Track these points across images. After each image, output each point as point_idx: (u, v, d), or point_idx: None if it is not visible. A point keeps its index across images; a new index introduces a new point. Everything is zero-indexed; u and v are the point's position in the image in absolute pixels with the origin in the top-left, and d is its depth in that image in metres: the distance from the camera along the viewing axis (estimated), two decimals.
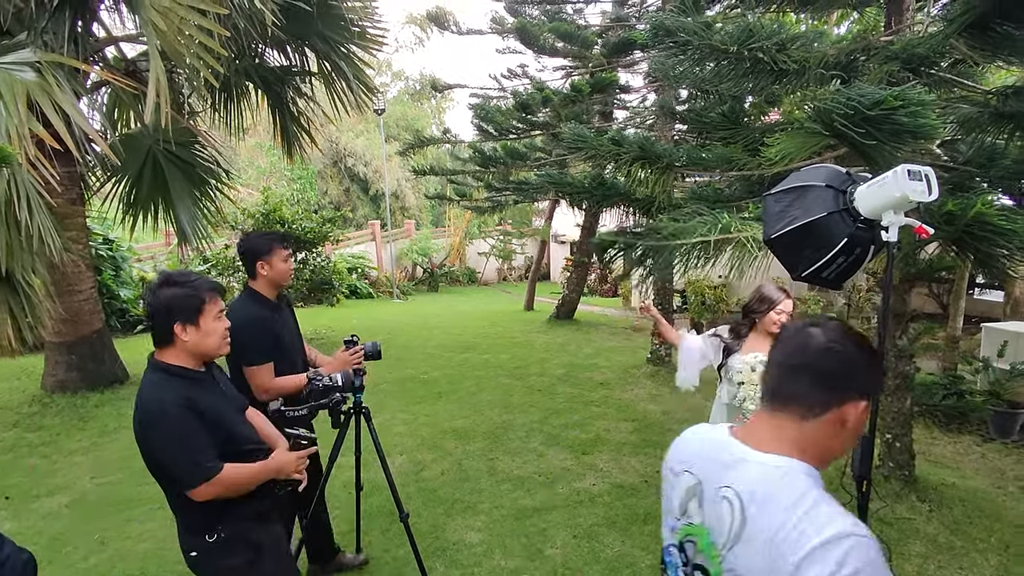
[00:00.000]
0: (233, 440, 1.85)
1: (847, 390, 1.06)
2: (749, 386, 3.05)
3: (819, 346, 1.09)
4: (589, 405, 5.98)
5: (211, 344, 1.84)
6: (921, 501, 3.93)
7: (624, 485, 4.15)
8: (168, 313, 1.78)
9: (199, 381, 1.85)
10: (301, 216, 8.27)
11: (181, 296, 1.78)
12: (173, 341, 1.80)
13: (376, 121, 25.35)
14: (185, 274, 1.86)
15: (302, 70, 7.01)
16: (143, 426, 1.76)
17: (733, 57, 3.55)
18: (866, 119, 2.45)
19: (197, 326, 1.80)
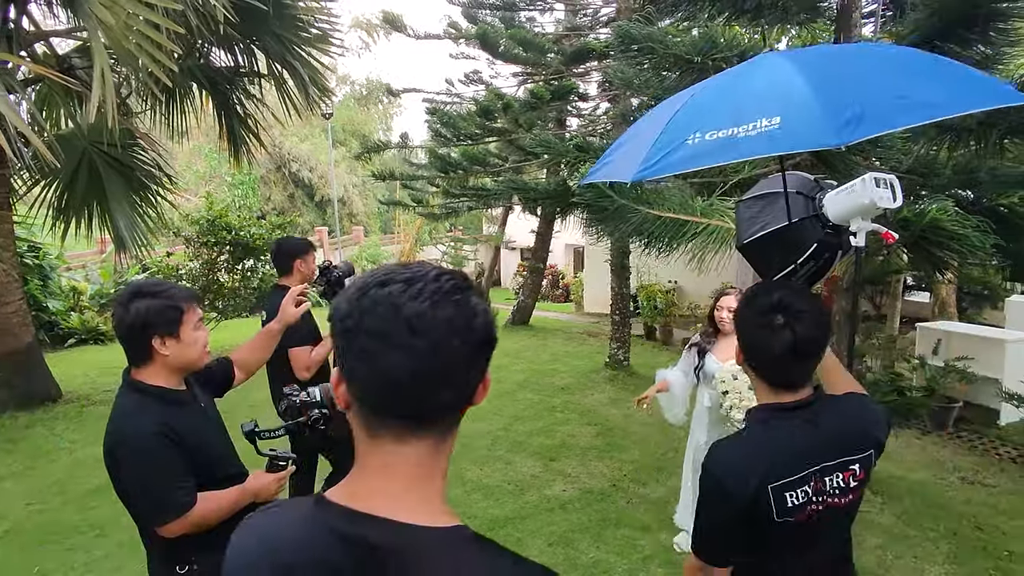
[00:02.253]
0: (214, 466, 1.73)
1: None
2: (733, 394, 3.09)
3: None
4: (552, 411, 5.99)
5: (192, 355, 1.71)
6: (874, 494, 4.12)
7: (594, 490, 4.16)
8: (144, 327, 1.63)
9: (180, 403, 1.72)
10: (249, 222, 7.96)
11: (157, 307, 1.65)
12: (151, 357, 1.67)
13: (322, 126, 24.83)
14: (158, 283, 1.73)
15: (251, 71, 6.76)
16: (114, 454, 1.62)
17: (696, 67, 3.64)
18: None
19: (177, 338, 1.67)
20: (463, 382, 0.70)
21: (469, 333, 0.68)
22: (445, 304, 0.67)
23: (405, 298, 0.67)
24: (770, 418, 1.41)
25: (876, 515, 3.87)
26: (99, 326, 9.52)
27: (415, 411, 0.70)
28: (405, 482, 0.70)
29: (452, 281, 0.70)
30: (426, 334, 0.66)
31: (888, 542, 3.55)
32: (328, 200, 24.31)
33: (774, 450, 1.35)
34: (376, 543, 0.66)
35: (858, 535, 3.62)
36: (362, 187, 26.45)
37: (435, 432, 0.72)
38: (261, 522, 0.76)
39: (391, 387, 0.67)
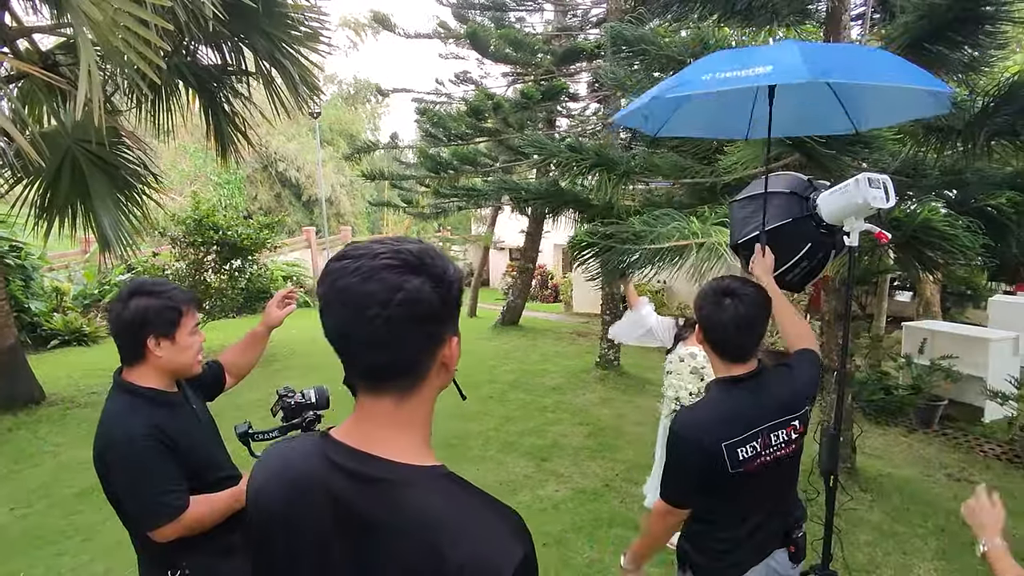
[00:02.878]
0: (206, 469, 1.71)
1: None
2: (675, 376, 3.12)
3: None
4: (543, 411, 5.99)
5: (186, 360, 1.68)
6: (863, 491, 4.16)
7: (586, 490, 4.17)
8: (142, 326, 1.59)
9: (171, 405, 1.69)
10: (236, 222, 7.87)
11: (157, 307, 1.61)
12: (144, 357, 1.63)
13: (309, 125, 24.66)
14: (159, 283, 1.70)
15: (239, 69, 6.68)
16: (105, 457, 1.59)
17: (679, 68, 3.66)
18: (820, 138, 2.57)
19: (173, 340, 1.63)
20: (396, 349, 0.81)
21: (386, 306, 0.77)
22: (371, 279, 0.78)
23: (344, 272, 0.79)
24: (725, 388, 1.74)
25: (865, 512, 3.91)
26: (82, 327, 9.37)
27: (359, 369, 0.84)
28: (387, 429, 0.83)
29: (388, 259, 0.80)
30: (350, 304, 0.78)
31: (878, 539, 3.59)
32: (315, 200, 24.13)
33: (728, 414, 1.68)
34: (370, 476, 0.81)
35: (849, 532, 3.66)
36: (350, 187, 26.31)
37: (392, 390, 0.84)
38: (282, 449, 0.94)
39: (337, 346, 0.82)
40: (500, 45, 6.09)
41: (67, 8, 3.71)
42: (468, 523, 0.78)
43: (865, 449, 5.09)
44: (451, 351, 0.86)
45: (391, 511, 0.79)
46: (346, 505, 0.81)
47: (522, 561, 0.76)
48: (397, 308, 0.78)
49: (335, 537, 0.82)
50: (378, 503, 0.80)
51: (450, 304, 0.84)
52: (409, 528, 0.77)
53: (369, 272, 0.78)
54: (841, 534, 3.64)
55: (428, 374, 0.85)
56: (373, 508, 0.80)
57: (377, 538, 0.79)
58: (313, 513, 0.83)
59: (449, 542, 0.75)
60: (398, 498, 0.79)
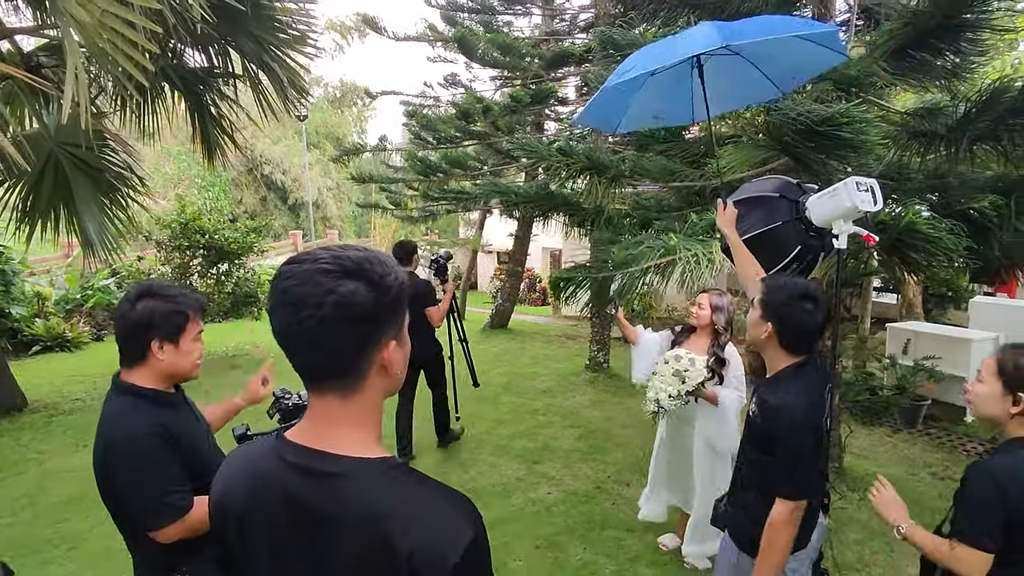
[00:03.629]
0: (208, 470, 1.70)
1: None
2: (658, 378, 3.12)
3: None
4: (534, 414, 6.00)
5: (186, 366, 1.68)
6: (851, 490, 4.22)
7: (578, 492, 4.18)
8: (147, 328, 1.60)
9: (173, 405, 1.69)
10: (223, 226, 7.81)
11: (164, 311, 1.62)
12: (145, 359, 1.63)
13: (295, 128, 24.53)
14: (166, 287, 1.70)
15: (226, 72, 6.64)
16: (106, 458, 1.58)
17: None
18: (816, 133, 2.61)
19: (176, 345, 1.64)
20: (330, 349, 0.84)
21: (320, 307, 0.81)
22: (307, 282, 0.82)
23: (287, 275, 0.84)
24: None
25: (854, 511, 3.96)
26: (65, 333, 9.21)
27: (300, 368, 0.88)
28: (334, 427, 0.87)
29: (326, 264, 0.84)
30: (288, 304, 0.83)
31: (866, 537, 3.63)
32: (302, 203, 23.99)
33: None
34: (319, 471, 0.84)
35: (839, 531, 3.71)
36: (336, 190, 26.18)
37: (333, 389, 0.87)
38: (243, 451, 1.01)
39: (281, 346, 0.86)
40: (488, 49, 6.11)
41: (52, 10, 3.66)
42: (417, 511, 0.81)
43: (852, 449, 5.16)
44: (389, 354, 0.88)
45: (340, 504, 0.81)
46: (299, 502, 0.84)
47: (472, 541, 0.79)
48: (330, 309, 0.81)
49: (291, 534, 0.85)
50: (328, 498, 0.82)
51: (387, 307, 0.87)
52: (359, 520, 0.80)
53: (307, 276, 0.83)
54: (831, 533, 3.70)
55: (367, 374, 0.88)
56: (323, 503, 0.82)
57: (328, 531, 0.81)
58: (271, 512, 0.87)
59: (400, 531, 0.78)
60: (347, 491, 0.82)
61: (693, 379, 3.05)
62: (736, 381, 3.16)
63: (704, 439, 3.19)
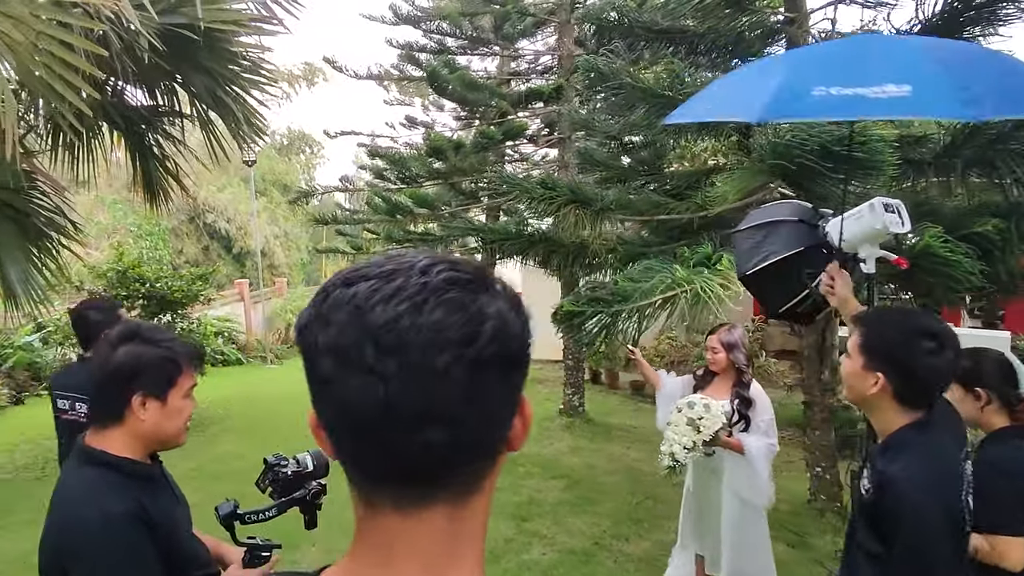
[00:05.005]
0: (189, 563, 1.34)
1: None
2: (672, 428, 2.87)
3: None
4: (512, 464, 5.61)
5: (171, 429, 1.35)
6: None
7: (575, 551, 3.83)
8: (130, 379, 1.28)
9: (152, 480, 1.36)
10: (166, 274, 7.24)
11: (152, 358, 1.31)
12: (122, 419, 1.30)
13: (240, 174, 23.89)
14: (156, 329, 1.39)
15: (172, 110, 6.25)
16: (66, 546, 1.22)
17: (664, 102, 3.61)
18: (829, 154, 2.50)
19: (164, 402, 1.32)
20: (470, 419, 0.49)
21: (467, 347, 0.47)
22: (431, 306, 0.47)
23: (375, 300, 0.47)
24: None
25: None
26: None
27: (403, 466, 0.49)
28: (417, 570, 0.51)
29: (447, 272, 0.49)
30: (399, 351, 0.46)
31: None
32: (247, 252, 23.11)
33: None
34: None
35: None
36: (284, 238, 25.46)
37: (445, 496, 0.51)
38: None
39: (360, 430, 0.49)
40: (457, 86, 6.00)
41: None
42: None
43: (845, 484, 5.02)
44: (525, 416, 0.56)
45: None
46: None
47: None
48: (478, 350, 0.47)
49: None
50: None
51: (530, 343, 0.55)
52: None
53: (422, 295, 0.47)
54: None
55: (498, 461, 0.55)
56: None
57: None
58: None
59: None
60: None
61: (709, 427, 2.79)
62: (765, 425, 2.91)
63: (732, 491, 2.93)
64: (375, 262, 0.52)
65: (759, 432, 2.87)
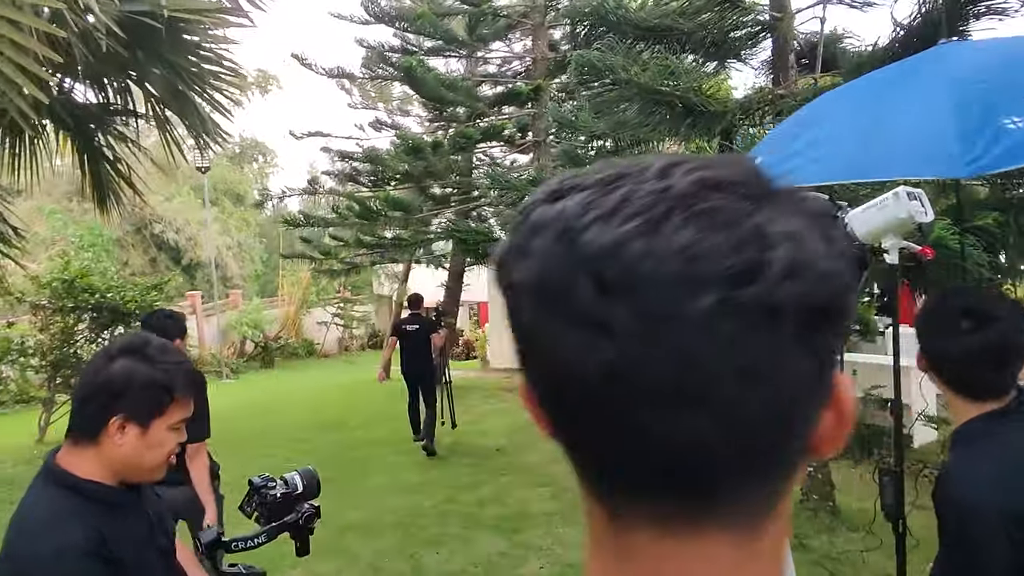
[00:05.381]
0: None
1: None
2: None
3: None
4: (495, 475, 5.45)
5: (148, 463, 1.20)
6: (851, 531, 4.02)
7: (574, 564, 3.67)
8: (115, 397, 1.15)
9: (120, 508, 1.19)
10: (117, 283, 6.78)
11: (145, 380, 1.16)
12: (97, 439, 1.15)
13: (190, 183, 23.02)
14: (167, 350, 1.23)
15: (126, 109, 5.87)
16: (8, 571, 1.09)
17: (657, 97, 3.54)
18: None
19: (146, 430, 1.17)
20: (751, 403, 0.31)
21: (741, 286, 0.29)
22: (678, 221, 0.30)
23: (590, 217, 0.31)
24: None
25: (870, 554, 3.73)
26: None
27: (648, 466, 0.33)
28: None
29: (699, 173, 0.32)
30: (629, 290, 0.30)
31: None
32: (197, 263, 22.26)
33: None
34: None
35: None
36: (237, 248, 24.61)
37: (723, 519, 0.34)
38: None
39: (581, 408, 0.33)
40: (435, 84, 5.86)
41: None
42: None
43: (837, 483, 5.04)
44: (841, 403, 0.36)
45: None
46: None
47: None
48: (775, 289, 0.30)
49: None
50: None
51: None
52: None
53: (670, 204, 0.31)
54: None
55: (799, 465, 0.37)
56: None
57: None
58: None
59: None
60: None
61: None
62: None
63: None
64: (592, 169, 0.36)
65: None
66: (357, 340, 21.06)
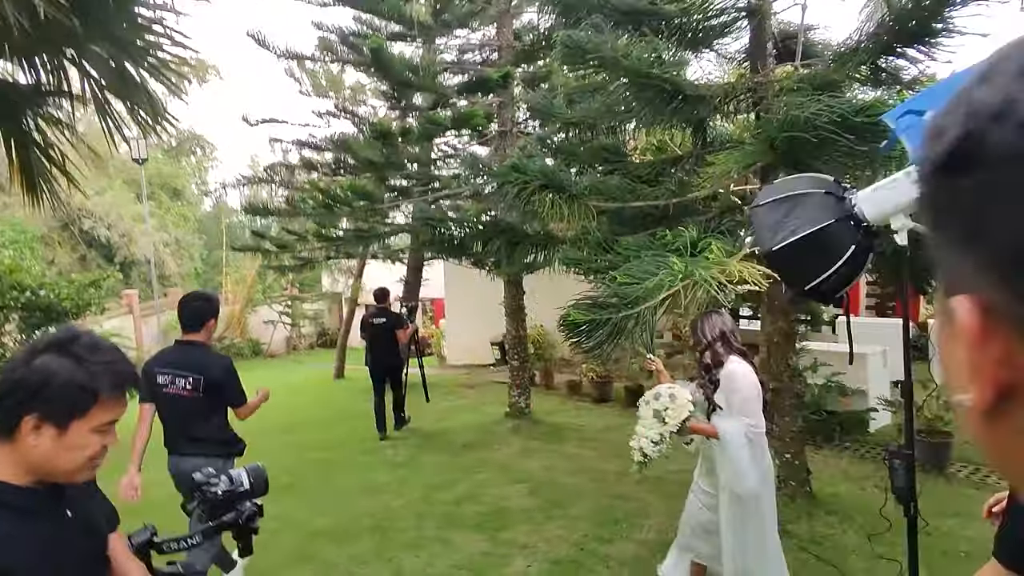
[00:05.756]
0: None
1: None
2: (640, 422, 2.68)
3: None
4: (469, 472, 5.29)
5: (66, 464, 1.11)
6: (828, 515, 4.09)
7: (561, 560, 3.58)
8: (27, 397, 1.07)
9: (28, 512, 1.10)
10: (53, 280, 6.25)
11: (64, 380, 1.08)
12: (11, 436, 1.08)
13: (122, 176, 21.76)
14: (96, 347, 1.14)
15: (60, 90, 5.38)
16: None
17: (644, 81, 3.47)
18: (851, 127, 2.44)
19: (63, 431, 1.09)
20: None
21: None
22: None
23: None
24: None
25: (842, 536, 3.80)
26: None
27: None
28: None
29: None
30: None
31: (871, 563, 3.46)
32: (132, 261, 21.04)
33: None
34: None
35: (842, 563, 3.49)
36: (175, 246, 23.43)
37: None
38: None
39: None
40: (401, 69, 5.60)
41: None
42: None
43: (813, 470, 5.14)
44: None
45: None
46: None
47: None
48: None
49: None
50: None
51: None
52: None
53: None
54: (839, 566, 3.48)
55: None
56: None
57: None
58: None
59: None
60: None
61: (675, 417, 2.63)
62: (741, 403, 2.73)
63: (725, 484, 2.79)
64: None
65: (733, 412, 2.69)
66: (306, 339, 20.39)
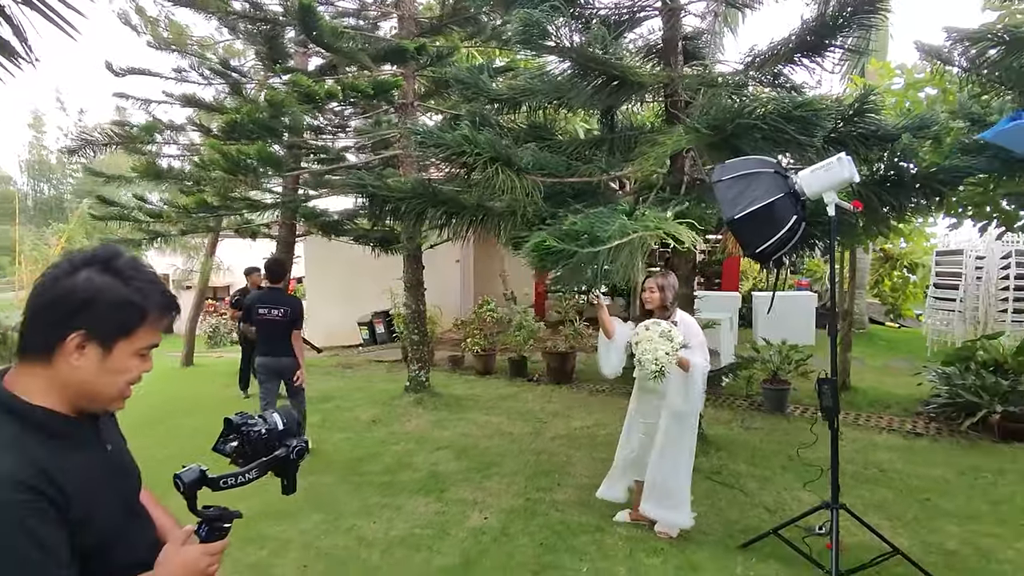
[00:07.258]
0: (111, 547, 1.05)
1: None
2: (646, 342, 3.17)
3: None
4: (386, 445, 5.29)
5: (107, 389, 1.05)
6: (718, 451, 4.85)
7: (515, 509, 3.83)
8: (75, 311, 0.99)
9: (70, 438, 1.03)
10: None
11: (113, 296, 1.02)
12: (51, 358, 1.00)
13: None
14: (137, 266, 1.07)
15: None
16: None
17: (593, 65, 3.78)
18: (790, 118, 2.96)
19: (108, 353, 1.02)
20: None
21: None
22: None
23: None
24: None
25: (735, 466, 4.52)
26: None
27: None
28: None
29: None
30: None
31: (764, 484, 4.18)
32: None
33: None
34: None
35: (741, 486, 4.18)
36: None
37: None
38: None
39: None
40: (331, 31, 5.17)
41: None
42: None
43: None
44: None
45: None
46: None
47: None
48: None
49: None
50: None
51: None
52: None
53: None
54: (743, 488, 4.16)
55: None
56: None
57: None
58: None
59: None
60: None
61: (678, 336, 3.14)
62: (700, 346, 3.34)
63: (668, 408, 3.33)
64: None
65: (696, 351, 3.30)
66: None
